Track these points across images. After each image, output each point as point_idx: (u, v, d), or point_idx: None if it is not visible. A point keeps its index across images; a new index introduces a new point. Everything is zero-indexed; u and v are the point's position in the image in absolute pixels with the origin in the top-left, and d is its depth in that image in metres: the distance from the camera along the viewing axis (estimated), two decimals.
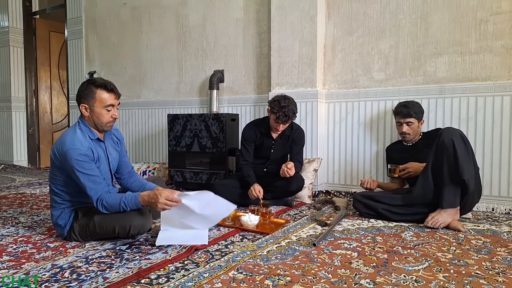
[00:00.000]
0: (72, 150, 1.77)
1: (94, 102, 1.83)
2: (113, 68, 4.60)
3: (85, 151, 1.79)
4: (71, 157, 1.76)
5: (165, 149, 4.13)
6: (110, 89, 1.85)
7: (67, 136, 1.84)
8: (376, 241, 1.93)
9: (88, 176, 1.78)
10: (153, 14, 4.22)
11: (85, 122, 1.89)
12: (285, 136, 2.79)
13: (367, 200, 2.40)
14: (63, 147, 1.80)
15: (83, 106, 1.85)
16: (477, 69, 2.72)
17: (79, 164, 1.76)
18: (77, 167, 1.76)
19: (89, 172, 1.78)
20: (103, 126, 1.89)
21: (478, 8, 2.69)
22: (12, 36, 5.40)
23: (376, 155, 3.09)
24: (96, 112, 1.84)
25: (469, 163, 2.10)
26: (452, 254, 1.74)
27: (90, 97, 1.83)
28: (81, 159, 1.77)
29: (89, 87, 1.83)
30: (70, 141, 1.80)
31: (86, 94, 1.83)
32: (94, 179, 1.79)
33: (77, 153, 1.76)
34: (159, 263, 1.59)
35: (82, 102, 1.85)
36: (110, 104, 1.85)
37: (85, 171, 1.77)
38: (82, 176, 1.77)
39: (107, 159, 1.97)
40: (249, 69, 3.65)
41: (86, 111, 1.85)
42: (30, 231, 2.13)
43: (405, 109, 2.52)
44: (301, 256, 1.71)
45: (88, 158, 1.80)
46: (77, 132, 1.85)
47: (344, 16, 3.17)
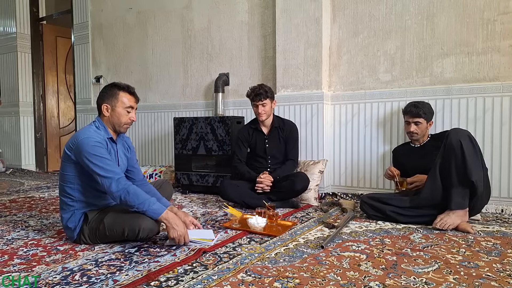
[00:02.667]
0: (86, 139, 1.83)
1: (117, 103, 1.93)
2: (119, 72, 4.63)
3: (99, 140, 1.86)
4: (86, 144, 1.81)
5: (171, 152, 4.15)
6: (132, 92, 1.97)
7: (81, 131, 1.91)
8: (385, 243, 1.92)
9: (102, 159, 1.80)
10: (159, 18, 4.25)
11: (101, 121, 1.97)
12: (275, 129, 2.89)
13: (374, 202, 2.39)
14: (77, 138, 1.85)
15: (105, 106, 1.94)
16: (484, 69, 2.70)
17: (94, 149, 1.81)
18: (92, 152, 1.80)
19: (104, 156, 1.82)
20: (121, 126, 1.97)
21: (485, 8, 2.68)
22: (19, 42, 5.47)
23: (383, 157, 3.08)
24: (117, 112, 1.93)
25: (478, 164, 2.08)
26: (462, 256, 1.73)
27: (113, 98, 1.93)
28: (96, 145, 1.82)
29: (113, 88, 1.95)
30: (84, 133, 1.87)
31: (109, 94, 1.94)
32: (109, 163, 1.82)
33: (92, 141, 1.83)
34: (168, 266, 1.60)
35: (105, 102, 1.94)
36: (130, 105, 1.96)
37: (100, 155, 1.81)
38: (97, 160, 1.79)
39: (117, 161, 2.00)
40: (254, 72, 3.66)
41: (107, 111, 1.94)
42: (40, 234, 2.15)
43: (414, 109, 2.52)
44: (310, 258, 1.70)
45: (102, 145, 1.85)
46: (92, 128, 1.93)
47: (349, 18, 3.17)
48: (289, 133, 2.88)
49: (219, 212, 2.68)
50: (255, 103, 2.80)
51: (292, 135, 2.89)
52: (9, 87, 5.60)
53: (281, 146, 2.88)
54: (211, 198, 3.28)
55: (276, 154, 2.89)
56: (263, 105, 2.78)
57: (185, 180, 3.59)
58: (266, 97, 2.76)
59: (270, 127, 2.91)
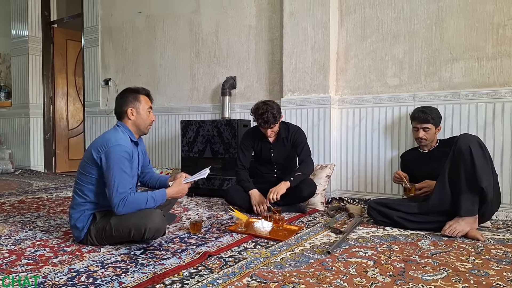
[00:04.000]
0: (118, 146, 1.88)
1: (139, 105, 2.04)
2: (128, 75, 4.67)
3: (128, 149, 1.92)
4: (116, 153, 1.86)
5: (178, 155, 4.17)
6: (149, 94, 2.11)
7: (111, 135, 1.95)
8: (392, 250, 1.90)
9: (123, 174, 1.86)
10: (167, 22, 4.28)
11: (125, 126, 2.03)
12: (281, 139, 2.79)
13: (382, 207, 2.36)
14: (109, 143, 1.89)
15: (131, 110, 2.01)
16: (494, 74, 2.67)
17: (121, 160, 1.86)
18: (118, 162, 1.85)
19: (126, 170, 1.88)
20: (146, 127, 2.08)
21: (495, 12, 2.65)
22: (31, 45, 5.55)
23: (391, 161, 3.05)
24: (141, 114, 2.04)
25: (487, 170, 2.05)
26: (472, 263, 1.70)
27: (136, 101, 2.03)
28: (124, 156, 1.88)
29: (133, 93, 2.06)
30: (115, 139, 1.91)
31: (132, 98, 2.03)
32: (126, 178, 1.87)
33: (122, 150, 1.88)
34: (174, 269, 1.60)
35: (130, 106, 2.02)
36: (150, 106, 2.09)
37: (123, 168, 1.87)
38: (118, 173, 1.84)
39: (138, 163, 2.08)
40: (261, 76, 3.67)
41: (132, 115, 2.02)
42: (47, 235, 2.16)
43: (422, 115, 2.49)
44: (316, 264, 1.69)
45: (129, 156, 1.92)
46: (120, 133, 1.98)
47: (357, 22, 3.16)
48: (295, 138, 2.78)
49: (225, 215, 2.68)
50: (263, 129, 2.67)
51: (298, 139, 2.78)
52: (20, 89, 5.68)
53: (287, 151, 2.83)
54: (216, 201, 3.28)
55: (282, 161, 2.85)
56: (272, 129, 2.67)
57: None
58: (275, 123, 2.63)
59: (276, 136, 2.81)
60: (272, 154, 2.82)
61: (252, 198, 2.64)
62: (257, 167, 2.94)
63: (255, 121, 2.69)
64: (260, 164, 2.93)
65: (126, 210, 1.84)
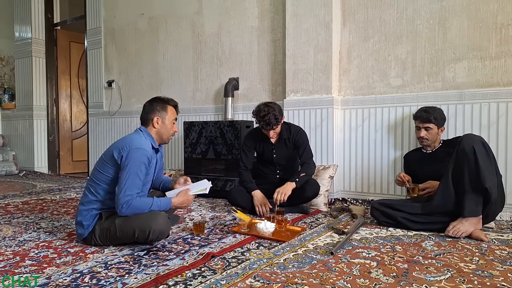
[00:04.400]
0: (141, 149, 1.91)
1: (166, 115, 2.08)
2: (130, 77, 4.68)
3: (149, 154, 1.95)
4: (137, 155, 1.89)
5: (181, 156, 4.17)
6: (176, 106, 2.15)
7: (134, 138, 1.98)
8: (396, 250, 1.89)
9: (137, 177, 1.88)
10: (170, 24, 4.29)
11: (148, 132, 2.06)
12: (283, 139, 2.79)
13: (385, 208, 2.36)
14: (132, 145, 1.91)
15: (157, 119, 2.06)
16: (498, 74, 2.66)
17: (139, 164, 1.88)
18: (136, 165, 1.88)
19: (140, 175, 1.90)
20: (168, 137, 2.12)
21: (498, 12, 2.64)
22: (34, 47, 5.58)
23: (394, 162, 3.05)
24: (166, 124, 2.08)
25: (491, 171, 2.04)
26: (476, 264, 1.69)
27: (163, 111, 2.07)
28: (143, 160, 1.91)
29: (162, 102, 2.09)
30: (139, 142, 1.95)
31: (161, 108, 2.07)
32: (137, 183, 1.89)
33: (143, 154, 1.91)
34: (177, 270, 1.60)
35: (156, 115, 2.06)
36: (175, 118, 2.13)
37: (139, 173, 1.89)
38: (132, 175, 1.86)
39: (155, 168, 2.11)
40: (263, 77, 3.67)
41: (157, 123, 2.06)
42: (51, 236, 2.17)
43: (425, 114, 2.48)
44: (319, 264, 1.69)
45: (148, 161, 1.95)
46: (143, 138, 2.01)
47: (360, 22, 3.16)
48: (297, 139, 2.78)
49: (228, 216, 2.68)
50: (265, 130, 2.68)
51: (299, 140, 2.78)
52: (24, 91, 5.71)
53: (289, 152, 2.83)
54: (219, 202, 3.28)
55: (284, 161, 2.85)
56: (274, 130, 2.67)
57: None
58: (277, 124, 2.63)
59: (277, 137, 2.80)
60: (274, 155, 2.82)
61: (255, 199, 2.64)
62: (259, 168, 2.94)
63: (257, 123, 2.69)
64: (262, 165, 2.93)
65: (128, 212, 1.86)
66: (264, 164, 2.91)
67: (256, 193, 2.66)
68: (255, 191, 2.67)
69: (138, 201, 1.87)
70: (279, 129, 2.71)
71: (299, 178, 2.60)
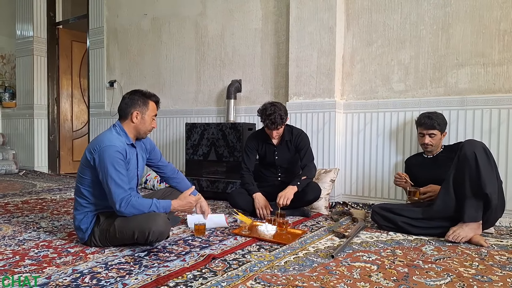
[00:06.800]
0: (110, 147, 1.87)
1: (146, 111, 2.02)
2: (133, 77, 4.69)
3: (121, 149, 1.90)
4: (108, 153, 1.85)
5: (182, 158, 4.17)
6: (158, 101, 2.10)
7: (104, 136, 1.95)
8: (396, 255, 1.89)
9: (118, 173, 1.85)
10: (173, 24, 4.30)
11: (122, 128, 2.01)
12: (285, 142, 2.79)
13: (386, 212, 2.36)
14: (101, 144, 1.88)
15: (136, 113, 2.00)
16: (500, 81, 2.67)
17: (114, 160, 1.85)
18: (112, 163, 1.84)
19: (120, 170, 1.86)
20: (145, 133, 2.06)
21: (502, 19, 2.65)
22: (36, 46, 5.58)
23: (395, 167, 3.05)
24: (145, 120, 2.02)
25: (492, 176, 2.05)
26: (475, 269, 1.69)
27: (144, 106, 2.02)
28: (117, 156, 1.87)
29: (143, 97, 2.03)
30: (108, 139, 1.91)
31: (141, 102, 2.01)
32: (122, 178, 1.86)
33: (114, 150, 1.87)
34: (177, 271, 1.60)
35: (136, 110, 2.00)
36: (155, 114, 2.08)
37: (117, 168, 1.85)
38: (113, 172, 1.83)
39: (137, 164, 2.07)
40: (266, 79, 3.68)
41: (136, 118, 2.00)
42: (51, 236, 2.17)
43: (428, 121, 2.47)
44: (319, 267, 1.69)
45: (123, 156, 1.91)
46: (114, 134, 1.97)
47: (364, 27, 3.16)
48: (298, 142, 2.78)
49: (229, 218, 2.68)
50: (269, 130, 2.68)
51: (301, 142, 2.78)
52: (25, 90, 5.71)
53: (291, 155, 2.83)
54: (220, 204, 3.28)
55: (286, 164, 2.86)
56: (277, 130, 2.67)
57: (195, 185, 3.58)
58: (281, 124, 2.62)
59: (280, 139, 2.81)
60: (276, 157, 2.82)
61: (256, 202, 2.64)
62: (261, 170, 2.94)
63: (262, 121, 2.69)
64: (264, 167, 2.93)
65: (128, 211, 1.85)
66: (265, 167, 2.92)
67: (258, 196, 2.66)
68: (257, 193, 2.68)
69: (136, 201, 1.86)
70: (282, 130, 2.72)
71: (301, 181, 2.60)
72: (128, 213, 1.85)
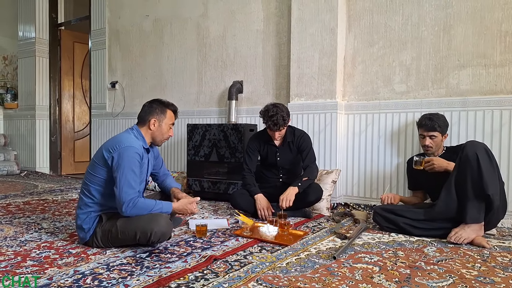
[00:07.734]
0: (130, 147, 1.91)
1: (164, 119, 2.08)
2: (134, 78, 4.70)
3: (139, 152, 1.95)
4: (127, 153, 1.89)
5: (184, 158, 4.18)
6: (176, 111, 2.16)
7: (123, 137, 1.98)
8: (398, 256, 1.89)
9: (133, 174, 1.88)
10: (175, 26, 4.31)
11: (140, 132, 2.05)
12: (287, 143, 2.80)
13: (388, 213, 2.36)
14: (121, 144, 1.92)
15: (154, 120, 2.06)
16: (502, 82, 2.66)
17: (132, 161, 1.89)
18: (129, 163, 1.88)
19: (136, 171, 1.90)
20: (162, 140, 2.12)
21: (503, 20, 2.65)
22: (38, 47, 5.60)
23: (397, 168, 3.04)
24: (162, 128, 2.08)
25: (494, 178, 2.05)
26: (477, 271, 1.69)
27: (162, 114, 2.08)
28: (135, 157, 1.91)
29: (162, 105, 2.10)
30: (127, 141, 1.95)
31: (160, 111, 2.08)
32: (136, 180, 1.89)
33: (133, 151, 1.91)
34: (179, 272, 1.60)
35: (154, 117, 2.06)
36: (173, 123, 2.14)
37: (133, 169, 1.89)
38: (128, 173, 1.86)
39: (147, 169, 2.11)
40: (268, 80, 3.68)
41: (154, 125, 2.06)
42: (52, 237, 2.17)
43: (429, 122, 2.47)
44: (321, 269, 1.68)
45: (140, 158, 1.95)
46: (132, 136, 2.01)
47: (365, 28, 3.17)
48: (300, 143, 2.78)
49: (231, 219, 2.68)
50: (271, 131, 2.69)
51: (303, 143, 2.78)
52: (26, 91, 5.72)
53: (292, 156, 2.83)
54: (222, 205, 3.28)
55: (288, 165, 2.86)
56: (280, 131, 2.68)
57: (196, 186, 3.60)
58: (284, 125, 2.64)
59: (282, 140, 2.82)
60: (278, 158, 2.82)
61: (258, 203, 2.64)
62: (262, 171, 2.94)
63: (264, 123, 2.69)
64: (266, 168, 2.93)
65: (133, 212, 1.86)
66: (267, 168, 2.91)
67: (259, 197, 2.66)
68: (258, 194, 2.67)
69: (142, 202, 1.88)
70: (284, 131, 2.72)
71: (302, 182, 2.60)
72: (133, 213, 1.86)
